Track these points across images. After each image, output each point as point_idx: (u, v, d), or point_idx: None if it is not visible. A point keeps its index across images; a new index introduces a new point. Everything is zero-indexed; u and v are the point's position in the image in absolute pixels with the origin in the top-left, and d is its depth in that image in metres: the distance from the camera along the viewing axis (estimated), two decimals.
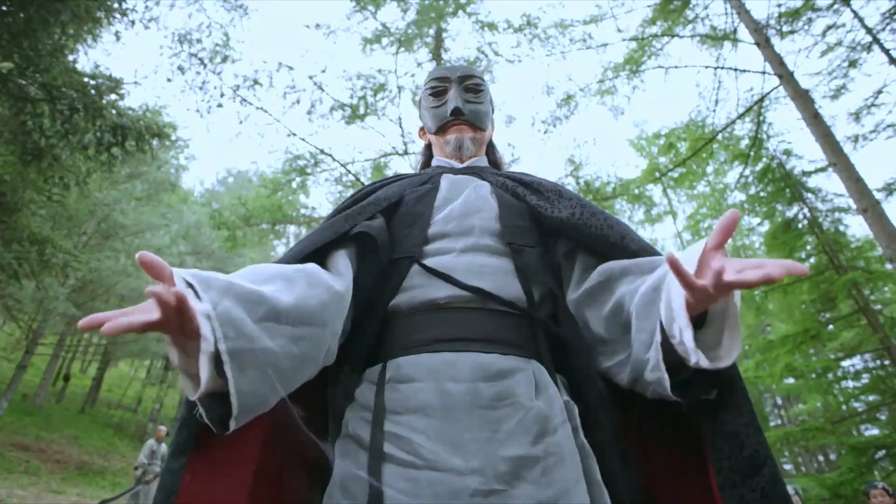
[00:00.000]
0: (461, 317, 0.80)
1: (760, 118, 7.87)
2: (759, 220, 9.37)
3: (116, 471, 13.96)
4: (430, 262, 0.86)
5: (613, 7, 9.19)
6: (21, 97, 5.72)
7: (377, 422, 0.71)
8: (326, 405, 0.83)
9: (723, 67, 8.23)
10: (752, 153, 8.18)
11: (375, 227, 0.90)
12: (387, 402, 0.72)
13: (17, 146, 6.03)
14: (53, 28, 5.63)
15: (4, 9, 5.35)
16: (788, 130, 14.70)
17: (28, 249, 7.03)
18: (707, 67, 8.34)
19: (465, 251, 0.87)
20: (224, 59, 9.03)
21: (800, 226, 8.33)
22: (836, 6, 7.16)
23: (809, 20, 7.44)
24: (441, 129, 1.13)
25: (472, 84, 1.13)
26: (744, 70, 7.87)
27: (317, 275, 0.75)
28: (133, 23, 7.22)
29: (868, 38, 7.07)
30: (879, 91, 7.06)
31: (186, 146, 19.26)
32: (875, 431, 10.00)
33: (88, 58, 17.36)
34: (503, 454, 0.65)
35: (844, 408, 9.84)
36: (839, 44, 7.31)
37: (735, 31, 8.22)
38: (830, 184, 14.02)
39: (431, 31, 10.05)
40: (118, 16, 6.64)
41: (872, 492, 4.43)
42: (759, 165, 8.59)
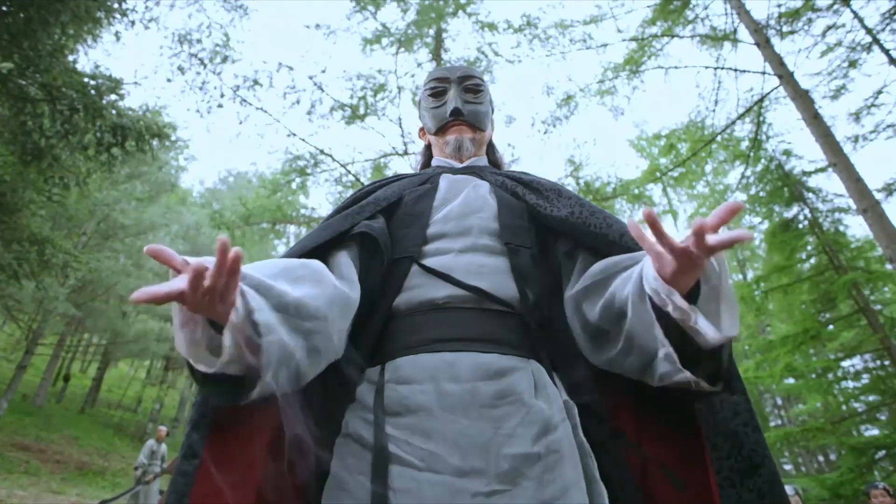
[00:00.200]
0: (460, 317, 0.80)
1: (760, 118, 7.87)
2: (760, 220, 9.35)
3: (116, 471, 13.96)
4: (429, 263, 0.86)
5: (613, 7, 9.19)
6: (21, 97, 5.72)
7: (379, 423, 0.70)
8: (326, 404, 0.82)
9: (723, 68, 8.23)
10: (752, 154, 8.17)
11: (376, 228, 0.90)
12: (387, 403, 0.72)
13: (17, 146, 6.03)
14: (53, 28, 5.63)
15: (4, 9, 5.35)
16: (788, 131, 14.70)
17: (28, 250, 7.03)
18: (707, 68, 8.34)
19: (464, 251, 0.87)
20: (224, 60, 9.03)
21: (800, 226, 8.33)
22: (836, 6, 7.16)
23: (809, 20, 7.44)
24: (441, 130, 1.12)
25: (472, 84, 1.12)
26: (744, 70, 7.88)
27: (322, 272, 0.75)
28: (133, 23, 7.22)
29: (868, 39, 7.08)
30: (879, 91, 7.06)
31: (186, 147, 19.28)
32: (875, 432, 9.99)
33: (88, 58, 17.40)
34: (505, 452, 0.65)
35: (844, 408, 9.84)
36: (839, 44, 7.31)
37: (735, 32, 8.22)
38: (830, 184, 14.03)
39: (431, 32, 10.05)
40: (118, 16, 6.64)
41: (873, 492, 4.42)
42: (759, 166, 8.59)
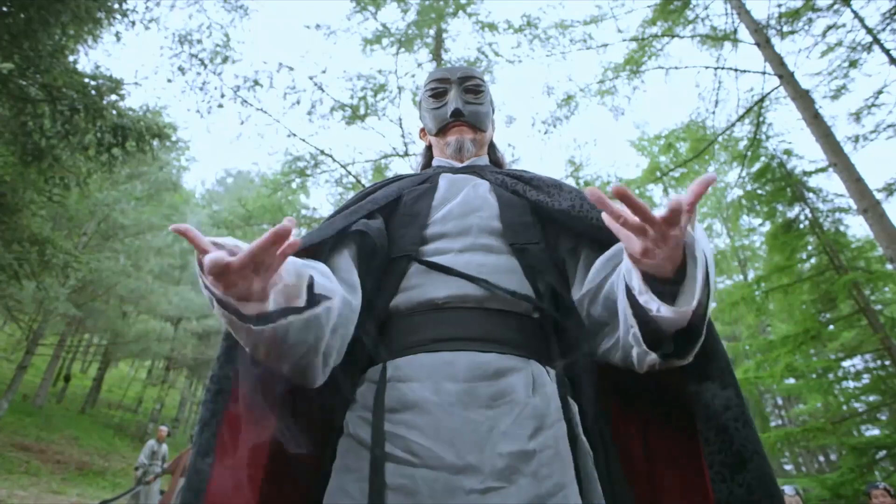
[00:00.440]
0: (460, 316, 0.80)
1: (760, 118, 7.87)
2: (761, 221, 9.35)
3: (117, 471, 13.97)
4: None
5: (613, 7, 9.20)
6: (21, 98, 5.72)
7: (377, 421, 0.71)
8: (328, 405, 0.83)
9: (723, 68, 8.23)
10: (750, 153, 8.17)
11: (373, 227, 0.90)
12: (386, 401, 0.72)
13: (18, 147, 6.03)
14: (54, 29, 5.63)
15: (5, 9, 5.35)
16: (789, 131, 14.71)
17: (28, 250, 7.03)
18: (707, 68, 8.34)
19: (463, 251, 0.87)
20: (224, 60, 9.04)
21: (801, 226, 8.32)
22: (837, 6, 7.15)
23: (809, 20, 7.44)
24: (441, 131, 1.12)
25: (473, 85, 1.12)
26: (744, 70, 7.88)
27: (331, 275, 0.76)
28: (133, 23, 7.21)
29: (868, 39, 7.07)
30: (880, 91, 7.06)
31: (187, 148, 19.28)
32: (876, 432, 9.99)
33: (89, 58, 17.45)
34: (500, 450, 0.65)
35: (845, 408, 9.83)
36: (839, 44, 7.31)
37: (735, 32, 8.22)
38: (831, 184, 14.04)
39: (432, 32, 10.05)
40: (118, 16, 6.63)
41: (874, 492, 4.40)
42: (758, 165, 8.58)
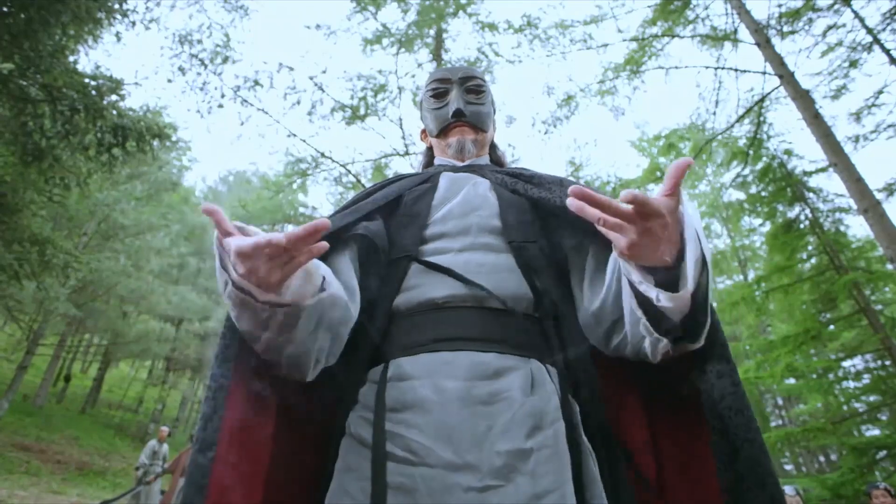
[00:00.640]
0: (459, 316, 0.80)
1: (761, 118, 7.87)
2: (761, 221, 9.34)
3: (117, 471, 13.97)
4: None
5: (614, 7, 9.19)
6: (22, 98, 5.72)
7: (378, 421, 0.71)
8: (329, 406, 0.83)
9: (723, 68, 8.23)
10: (752, 152, 8.17)
11: (372, 228, 0.90)
12: (387, 400, 0.73)
13: (18, 147, 6.03)
14: (54, 29, 5.63)
15: (5, 10, 5.35)
16: (789, 130, 14.69)
17: (29, 250, 7.03)
18: (707, 68, 8.34)
19: (463, 250, 0.87)
20: (224, 60, 9.04)
21: (801, 226, 8.31)
22: (837, 6, 7.15)
23: (810, 20, 7.44)
24: (443, 132, 1.12)
25: (474, 85, 1.12)
26: (744, 70, 7.87)
27: (332, 275, 0.75)
28: (134, 24, 7.21)
29: (869, 39, 7.07)
30: (880, 91, 7.05)
31: (188, 148, 19.30)
32: (876, 432, 10.00)
33: (89, 59, 17.44)
34: (498, 448, 0.65)
35: (845, 408, 9.83)
36: (840, 44, 7.30)
37: (735, 32, 8.22)
38: (831, 184, 14.03)
39: (432, 32, 10.05)
40: (119, 17, 6.63)
41: (874, 492, 4.38)
42: (759, 165, 8.58)
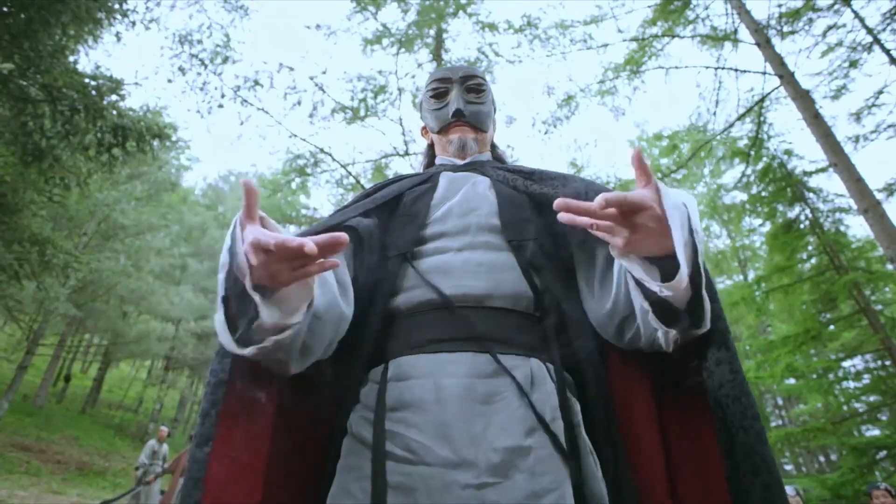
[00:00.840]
0: (458, 316, 0.80)
1: (761, 118, 7.86)
2: (761, 222, 9.34)
3: (117, 471, 13.97)
4: (428, 262, 0.86)
5: (614, 7, 9.19)
6: (22, 98, 5.72)
7: (379, 420, 0.71)
8: (330, 406, 0.82)
9: (723, 68, 8.22)
10: (753, 153, 8.17)
11: (364, 224, 0.90)
12: (387, 400, 0.73)
13: (18, 147, 6.02)
14: (54, 29, 5.63)
15: (5, 10, 5.35)
16: (789, 131, 14.69)
17: (29, 250, 7.03)
18: (707, 68, 8.33)
19: (462, 249, 0.87)
20: (225, 60, 9.04)
21: (801, 226, 8.31)
22: (837, 6, 7.14)
23: (810, 20, 7.43)
24: (443, 131, 1.12)
25: (474, 84, 1.11)
26: (744, 70, 7.86)
27: (325, 274, 0.75)
28: (134, 24, 7.21)
29: (869, 39, 7.06)
30: (880, 91, 7.05)
31: (188, 148, 19.30)
32: (876, 432, 9.99)
33: (89, 59, 17.46)
34: (496, 445, 0.65)
35: (845, 408, 9.82)
36: (840, 44, 7.29)
37: (735, 32, 8.21)
38: (831, 184, 14.03)
39: (432, 32, 10.05)
40: (119, 17, 6.63)
41: (875, 492, 4.38)
42: (760, 165, 8.58)
